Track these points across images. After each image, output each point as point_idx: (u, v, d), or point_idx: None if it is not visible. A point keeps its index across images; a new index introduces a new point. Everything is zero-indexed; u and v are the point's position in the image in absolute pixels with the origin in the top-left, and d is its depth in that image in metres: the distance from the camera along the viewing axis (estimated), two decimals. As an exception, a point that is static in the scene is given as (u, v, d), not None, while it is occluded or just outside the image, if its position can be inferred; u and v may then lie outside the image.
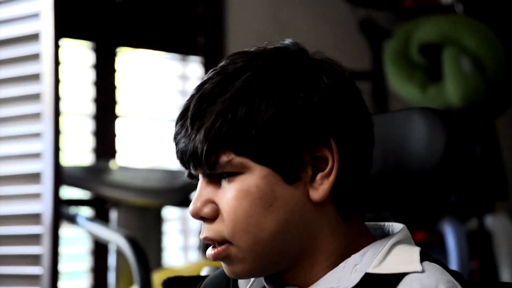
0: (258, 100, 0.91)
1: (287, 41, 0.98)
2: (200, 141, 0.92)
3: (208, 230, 0.94)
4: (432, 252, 0.99)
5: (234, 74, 0.93)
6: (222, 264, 0.97)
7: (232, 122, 0.91)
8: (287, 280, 0.97)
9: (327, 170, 0.93)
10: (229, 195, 0.93)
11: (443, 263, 0.96)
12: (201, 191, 0.94)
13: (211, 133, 0.91)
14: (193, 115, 0.93)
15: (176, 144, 0.95)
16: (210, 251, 0.95)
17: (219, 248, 0.94)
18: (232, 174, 0.93)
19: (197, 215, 0.94)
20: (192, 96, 0.95)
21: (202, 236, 0.95)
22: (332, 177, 0.93)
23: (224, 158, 0.92)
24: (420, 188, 1.02)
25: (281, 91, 0.92)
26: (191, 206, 0.95)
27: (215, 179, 0.94)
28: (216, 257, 0.95)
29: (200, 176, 0.95)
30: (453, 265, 2.84)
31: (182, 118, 0.95)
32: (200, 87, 0.95)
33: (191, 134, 0.93)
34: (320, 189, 0.93)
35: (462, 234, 2.90)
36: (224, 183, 0.93)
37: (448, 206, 3.04)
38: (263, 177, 0.92)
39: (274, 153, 0.92)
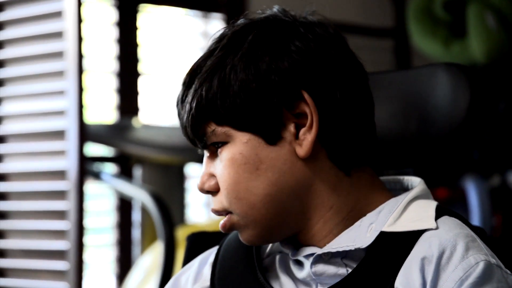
0: (227, 70, 0.95)
1: (275, 8, 0.99)
2: (186, 118, 0.97)
3: (214, 203, 0.99)
4: (455, 208, 0.99)
5: (211, 51, 0.98)
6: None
7: (208, 95, 0.95)
8: (302, 241, 0.98)
9: (308, 124, 0.95)
10: (220, 165, 0.97)
11: (463, 217, 0.96)
12: (205, 166, 0.99)
13: (192, 109, 0.96)
14: (182, 95, 0.98)
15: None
16: (221, 223, 0.99)
17: (225, 219, 0.98)
18: (222, 144, 0.96)
19: (202, 190, 0.99)
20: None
21: (211, 208, 1.00)
22: (314, 130, 0.94)
23: (208, 130, 0.96)
24: (443, 145, 1.02)
25: (247, 58, 0.95)
26: (197, 181, 0.99)
27: (214, 152, 0.98)
28: (224, 228, 0.98)
29: (204, 151, 1.00)
30: (475, 221, 2.84)
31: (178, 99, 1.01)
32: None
33: (182, 113, 0.98)
34: (303, 144, 0.95)
35: (484, 191, 2.89)
36: (219, 154, 0.97)
37: (471, 163, 3.03)
38: (245, 143, 0.95)
39: (250, 118, 0.94)
